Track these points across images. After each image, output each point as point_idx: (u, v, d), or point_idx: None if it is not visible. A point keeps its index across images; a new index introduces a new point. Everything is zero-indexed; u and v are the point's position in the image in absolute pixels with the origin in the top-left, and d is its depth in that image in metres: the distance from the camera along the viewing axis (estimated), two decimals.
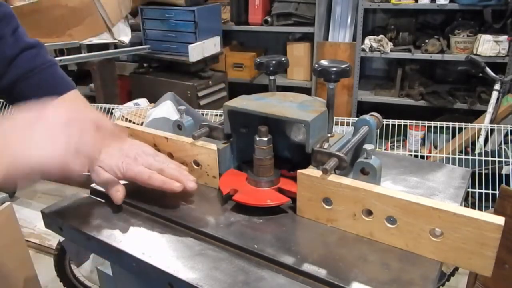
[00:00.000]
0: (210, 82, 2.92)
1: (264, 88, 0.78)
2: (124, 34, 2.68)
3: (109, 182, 0.69)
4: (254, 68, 0.82)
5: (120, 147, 0.70)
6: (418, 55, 2.78)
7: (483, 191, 1.82)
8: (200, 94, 2.84)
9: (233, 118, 0.72)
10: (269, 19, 3.14)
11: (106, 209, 0.70)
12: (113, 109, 2.32)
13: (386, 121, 1.94)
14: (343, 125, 2.06)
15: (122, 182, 0.71)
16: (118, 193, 0.68)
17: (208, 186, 0.74)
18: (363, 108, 3.09)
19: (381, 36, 2.86)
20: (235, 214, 0.66)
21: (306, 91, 3.16)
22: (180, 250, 0.59)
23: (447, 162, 2.00)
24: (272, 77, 0.81)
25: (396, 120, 2.00)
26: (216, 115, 2.15)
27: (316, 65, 0.68)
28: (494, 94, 2.28)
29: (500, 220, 0.49)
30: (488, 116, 2.28)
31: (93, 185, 0.75)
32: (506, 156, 1.93)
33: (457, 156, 1.98)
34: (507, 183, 1.77)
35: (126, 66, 3.26)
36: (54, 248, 1.69)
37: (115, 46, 2.67)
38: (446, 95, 2.86)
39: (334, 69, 0.66)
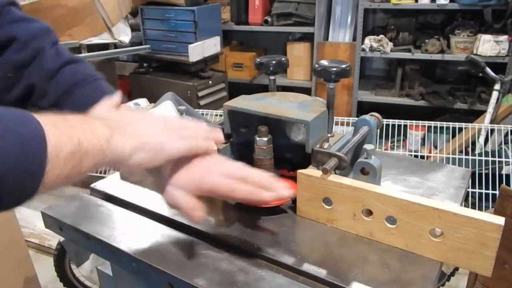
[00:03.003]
0: (210, 82, 2.92)
1: (264, 88, 0.78)
2: (124, 34, 2.68)
3: (183, 200, 0.55)
4: (254, 68, 0.82)
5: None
6: (418, 55, 2.78)
7: (483, 191, 1.81)
8: (200, 94, 2.84)
9: (233, 118, 0.72)
10: (269, 19, 3.13)
11: (106, 209, 0.70)
12: None
13: (386, 121, 1.94)
14: (343, 125, 2.06)
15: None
16: (197, 212, 0.55)
17: None
18: (363, 108, 3.08)
19: (381, 36, 2.86)
20: (235, 214, 0.66)
21: (306, 91, 3.16)
22: (180, 250, 0.59)
23: (447, 162, 2.00)
24: (272, 77, 0.81)
25: (396, 120, 2.00)
26: (216, 115, 2.15)
27: (316, 65, 0.68)
28: (494, 94, 2.28)
29: (500, 220, 0.49)
30: (488, 116, 2.27)
31: (93, 185, 0.75)
32: (506, 156, 1.93)
33: (457, 156, 1.97)
34: (507, 183, 1.76)
35: (126, 66, 3.26)
36: (54, 248, 1.69)
37: (115, 46, 2.67)
38: (446, 95, 2.86)
39: (334, 69, 0.66)
